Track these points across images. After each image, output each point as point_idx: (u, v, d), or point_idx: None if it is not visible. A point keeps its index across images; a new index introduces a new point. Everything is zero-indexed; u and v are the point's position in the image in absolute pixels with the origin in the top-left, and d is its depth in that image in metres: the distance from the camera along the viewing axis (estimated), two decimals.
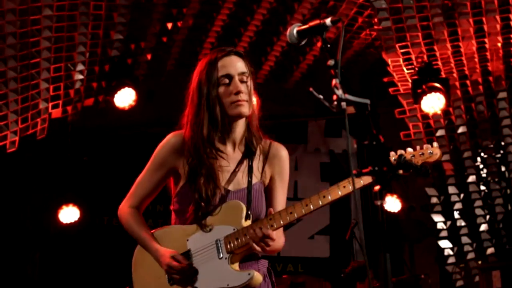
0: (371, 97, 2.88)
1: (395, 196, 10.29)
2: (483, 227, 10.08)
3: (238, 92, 3.92)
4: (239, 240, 3.83)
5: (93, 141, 10.43)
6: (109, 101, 8.83)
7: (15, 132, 8.18)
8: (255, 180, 4.05)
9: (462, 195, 10.06)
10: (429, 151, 3.74)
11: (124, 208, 4.18)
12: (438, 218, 10.18)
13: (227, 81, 3.94)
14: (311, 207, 3.77)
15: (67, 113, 8.88)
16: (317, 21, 3.16)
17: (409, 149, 3.80)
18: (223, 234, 3.89)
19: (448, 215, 10.15)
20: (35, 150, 9.68)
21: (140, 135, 9.66)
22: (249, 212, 3.94)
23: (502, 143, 9.81)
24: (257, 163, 4.10)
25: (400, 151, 3.72)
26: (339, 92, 2.80)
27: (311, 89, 2.92)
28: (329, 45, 3.01)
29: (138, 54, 9.02)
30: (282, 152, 4.18)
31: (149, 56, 9.13)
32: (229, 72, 3.95)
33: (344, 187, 3.74)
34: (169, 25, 8.75)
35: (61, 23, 7.84)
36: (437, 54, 8.80)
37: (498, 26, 8.39)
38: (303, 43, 3.31)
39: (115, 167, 10.19)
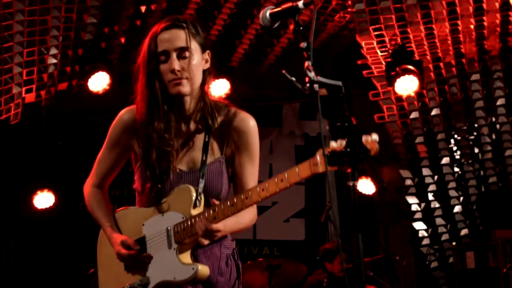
0: (345, 80, 2.90)
1: (369, 178, 10.34)
2: (457, 208, 10.18)
3: (173, 71, 3.68)
4: (186, 230, 3.63)
5: (67, 126, 10.39)
6: (83, 85, 8.78)
7: None
8: (211, 158, 3.79)
9: (436, 177, 10.14)
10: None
11: (87, 188, 4.06)
12: (412, 200, 10.25)
13: (163, 58, 3.70)
14: (267, 193, 3.44)
15: (41, 97, 8.83)
16: (289, 4, 3.15)
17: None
18: (173, 222, 3.69)
19: (422, 197, 10.23)
20: (9, 135, 9.61)
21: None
22: (199, 198, 3.69)
23: (476, 125, 9.89)
24: (218, 136, 3.83)
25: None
26: (312, 74, 2.81)
27: (284, 71, 2.92)
28: (301, 28, 3.01)
29: (111, 38, 8.98)
30: (249, 123, 3.86)
31: (122, 40, 9.09)
32: (165, 49, 3.70)
33: (305, 169, 3.30)
34: (143, 8, 8.71)
35: (33, 7, 7.77)
36: (411, 36, 8.84)
37: (470, 8, 8.44)
38: (276, 25, 3.30)
39: (90, 152, 10.07)
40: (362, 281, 2.73)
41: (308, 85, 2.81)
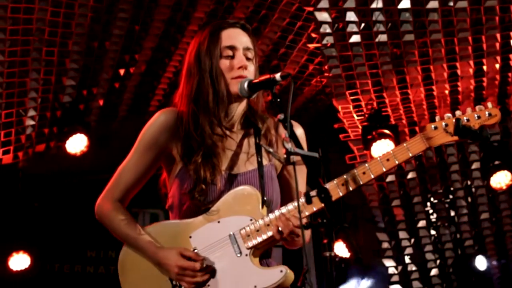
0: (321, 143, 2.94)
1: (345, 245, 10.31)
2: (434, 271, 10.18)
3: (241, 67, 3.46)
4: (261, 233, 3.29)
5: (44, 187, 10.33)
6: (60, 147, 8.76)
7: None
8: (264, 161, 3.50)
9: (412, 240, 10.16)
10: (486, 113, 3.21)
11: (106, 203, 3.57)
12: (389, 263, 10.24)
13: (230, 53, 3.49)
14: (350, 187, 3.24)
15: (18, 159, 8.80)
16: (267, 76, 3.20)
17: (458, 112, 3.29)
18: (237, 227, 3.33)
19: (399, 260, 10.22)
20: None
21: (92, 181, 9.56)
22: (265, 198, 3.40)
23: (451, 189, 9.96)
24: (264, 143, 3.54)
25: (456, 114, 3.26)
26: (289, 145, 2.84)
27: (260, 142, 2.96)
28: (278, 100, 3.04)
29: (90, 100, 9.00)
30: (298, 130, 3.56)
31: (101, 102, 9.11)
32: (233, 44, 3.50)
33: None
34: (122, 71, 8.76)
35: (12, 69, 7.79)
36: (387, 101, 8.93)
37: (445, 74, 8.56)
38: (254, 96, 3.35)
39: (67, 214, 10.08)
40: None
41: (285, 156, 2.83)
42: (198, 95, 3.48)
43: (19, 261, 9.49)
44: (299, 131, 3.59)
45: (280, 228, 3.24)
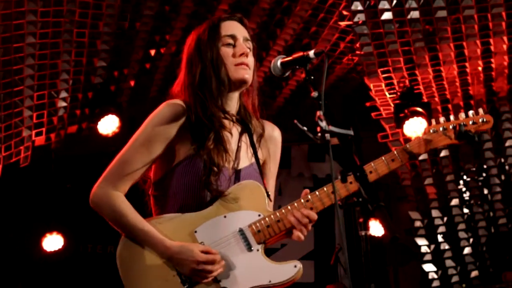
0: (353, 122, 2.91)
1: (378, 220, 10.31)
2: (467, 250, 10.13)
3: (243, 54, 3.51)
4: (271, 228, 3.32)
5: (76, 169, 10.39)
6: (92, 128, 8.81)
7: None
8: (260, 157, 3.61)
9: (445, 219, 10.10)
10: (481, 120, 3.43)
11: (107, 192, 3.43)
12: (422, 241, 10.20)
13: (231, 41, 3.54)
14: (349, 189, 3.29)
15: (51, 140, 8.86)
16: (300, 53, 3.17)
17: (452, 117, 3.50)
18: (245, 222, 3.33)
19: (431, 239, 10.18)
20: (18, 177, 9.61)
21: None
22: (269, 193, 3.45)
23: (484, 166, 9.87)
24: (256, 140, 3.63)
25: (451, 119, 3.50)
26: (323, 123, 2.80)
27: (295, 121, 2.93)
28: (312, 77, 3.02)
29: (121, 81, 9.02)
30: (276, 133, 3.76)
31: (132, 83, 9.13)
32: (233, 33, 3.55)
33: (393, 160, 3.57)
34: (152, 52, 8.77)
35: (44, 51, 7.83)
36: (419, 78, 8.86)
37: (478, 51, 8.47)
38: (286, 74, 3.33)
39: None
40: None
41: (319, 134, 2.80)
42: (202, 83, 3.50)
43: (53, 242, 9.61)
44: (276, 133, 3.77)
45: (297, 223, 3.31)
